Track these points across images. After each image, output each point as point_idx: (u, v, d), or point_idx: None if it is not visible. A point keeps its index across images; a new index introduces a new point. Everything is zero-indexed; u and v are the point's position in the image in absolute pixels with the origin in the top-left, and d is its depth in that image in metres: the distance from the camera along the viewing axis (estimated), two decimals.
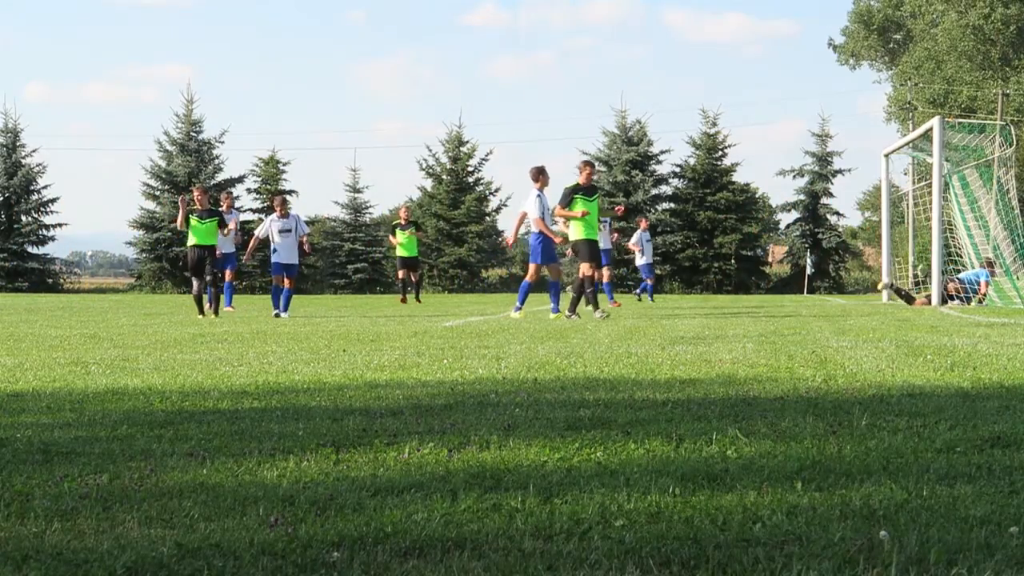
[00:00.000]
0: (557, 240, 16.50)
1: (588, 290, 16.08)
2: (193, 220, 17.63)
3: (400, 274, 25.90)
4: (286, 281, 18.56)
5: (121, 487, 3.74)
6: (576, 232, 16.15)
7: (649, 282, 29.40)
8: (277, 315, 18.07)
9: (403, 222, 25.59)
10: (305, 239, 19.05)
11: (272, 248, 18.85)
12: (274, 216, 19.06)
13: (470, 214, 49.58)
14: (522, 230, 19.30)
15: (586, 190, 16.03)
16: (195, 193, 18.11)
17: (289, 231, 18.76)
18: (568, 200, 15.91)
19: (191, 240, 17.73)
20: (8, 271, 47.02)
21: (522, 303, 17.02)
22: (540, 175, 16.46)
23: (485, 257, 50.88)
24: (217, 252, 18.00)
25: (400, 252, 25.60)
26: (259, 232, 19.48)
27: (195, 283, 17.79)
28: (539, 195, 16.28)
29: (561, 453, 4.30)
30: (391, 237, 25.90)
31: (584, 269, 16.10)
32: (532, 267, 16.84)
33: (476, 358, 8.74)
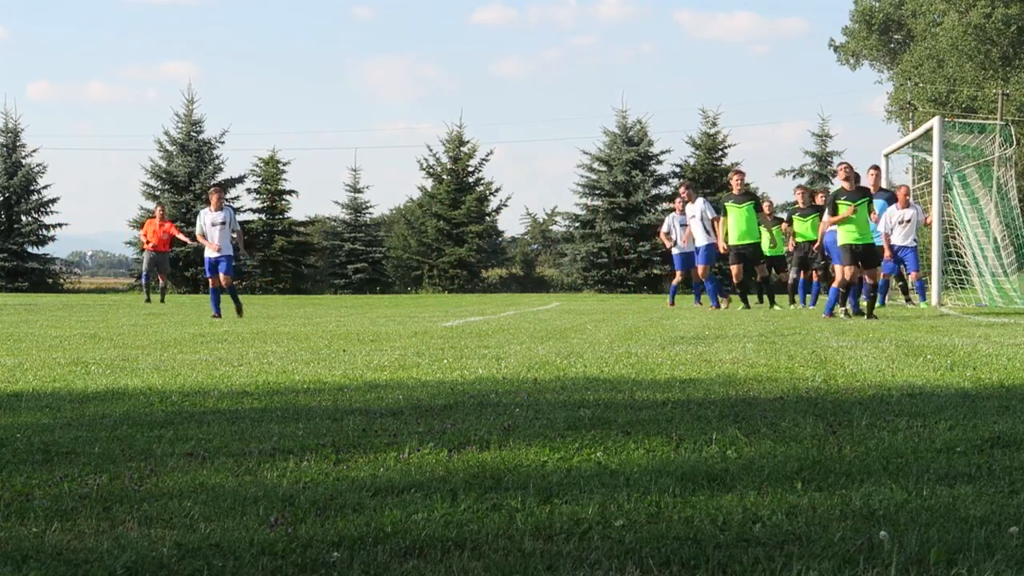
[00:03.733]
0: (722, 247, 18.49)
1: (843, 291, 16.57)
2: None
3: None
4: (221, 278, 17.58)
5: (121, 487, 3.74)
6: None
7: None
8: (215, 317, 17.14)
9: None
10: (236, 234, 17.93)
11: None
12: (208, 209, 18.06)
13: (470, 214, 49.55)
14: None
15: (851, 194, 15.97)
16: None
17: (223, 224, 17.73)
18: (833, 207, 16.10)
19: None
20: (8, 271, 47.00)
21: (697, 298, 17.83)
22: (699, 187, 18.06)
23: (485, 257, 50.87)
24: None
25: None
26: (197, 231, 18.22)
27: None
28: (708, 202, 17.74)
29: (561, 453, 4.30)
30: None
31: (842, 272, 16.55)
32: (701, 268, 18.42)
33: (476, 358, 8.74)
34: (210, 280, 17.81)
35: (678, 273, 22.98)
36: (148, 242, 26.14)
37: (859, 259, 15.50)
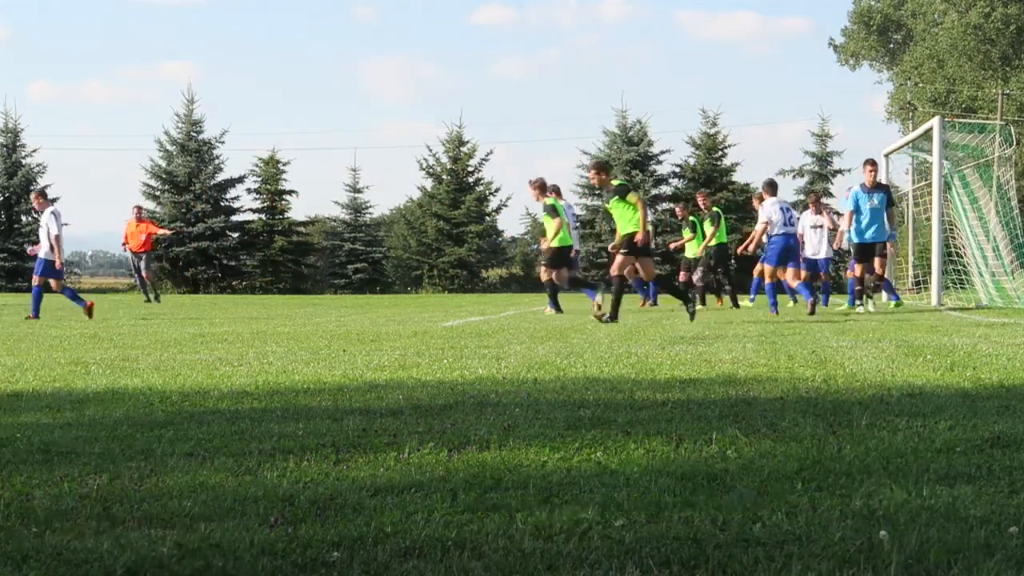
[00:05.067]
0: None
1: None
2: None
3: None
4: (50, 282, 17.29)
5: (121, 487, 3.74)
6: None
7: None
8: (28, 318, 16.65)
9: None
10: (53, 239, 17.10)
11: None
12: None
13: (470, 214, 49.56)
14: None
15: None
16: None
17: (44, 226, 17.24)
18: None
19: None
20: (8, 271, 47.04)
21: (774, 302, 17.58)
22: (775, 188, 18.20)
23: (485, 257, 50.88)
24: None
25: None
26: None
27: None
28: (779, 204, 17.76)
29: (561, 453, 4.30)
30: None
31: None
32: (769, 268, 17.84)
33: (476, 358, 8.74)
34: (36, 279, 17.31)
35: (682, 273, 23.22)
36: (125, 243, 26.14)
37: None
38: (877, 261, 17.40)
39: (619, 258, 14.86)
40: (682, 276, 22.23)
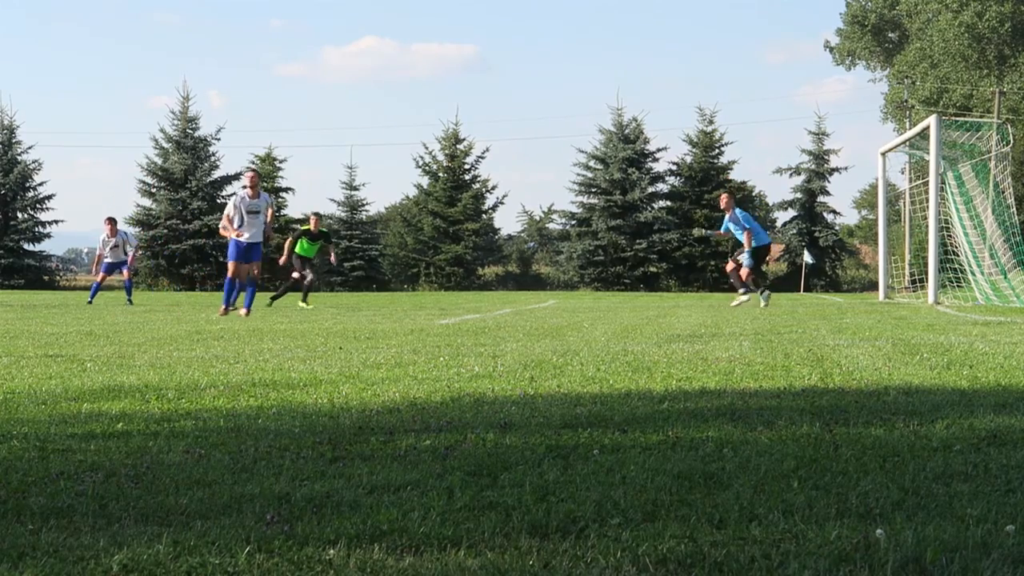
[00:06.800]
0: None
1: None
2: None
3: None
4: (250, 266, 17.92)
5: (117, 484, 3.73)
6: None
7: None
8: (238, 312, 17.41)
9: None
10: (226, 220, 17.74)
11: None
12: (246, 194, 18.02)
13: (467, 212, 49.58)
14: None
15: None
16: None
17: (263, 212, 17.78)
18: None
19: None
20: (4, 268, 46.99)
21: None
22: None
23: (482, 255, 50.89)
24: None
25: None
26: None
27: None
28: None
29: (557, 451, 4.30)
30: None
31: None
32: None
33: (472, 356, 8.74)
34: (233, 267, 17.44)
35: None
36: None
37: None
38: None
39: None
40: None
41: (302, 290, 22.77)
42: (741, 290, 20.24)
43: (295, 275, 23.03)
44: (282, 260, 23.12)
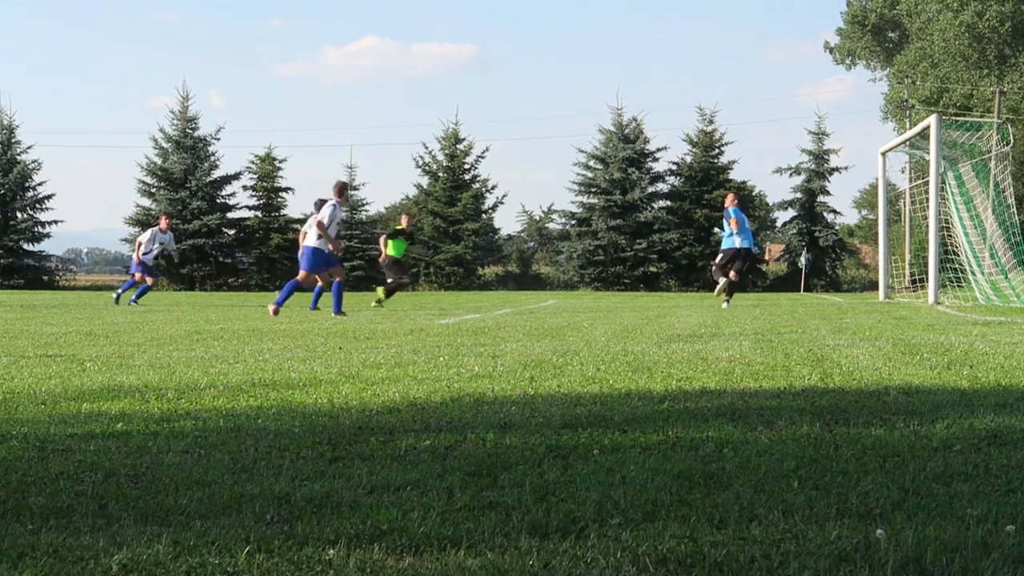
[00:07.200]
0: None
1: None
2: None
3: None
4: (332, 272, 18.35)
5: (117, 484, 3.73)
6: None
7: None
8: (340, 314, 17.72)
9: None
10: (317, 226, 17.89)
11: None
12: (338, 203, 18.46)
13: (467, 211, 49.57)
14: None
15: None
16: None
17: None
18: None
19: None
20: (4, 268, 46.98)
21: None
22: None
23: (482, 255, 50.89)
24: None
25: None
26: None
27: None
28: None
29: (557, 451, 4.30)
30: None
31: None
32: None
33: (472, 356, 8.74)
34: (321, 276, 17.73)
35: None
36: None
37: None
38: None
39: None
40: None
41: (391, 289, 22.66)
42: (721, 280, 20.78)
43: (394, 279, 22.69)
44: (383, 259, 22.88)
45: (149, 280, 24.17)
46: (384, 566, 2.79)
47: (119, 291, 24.61)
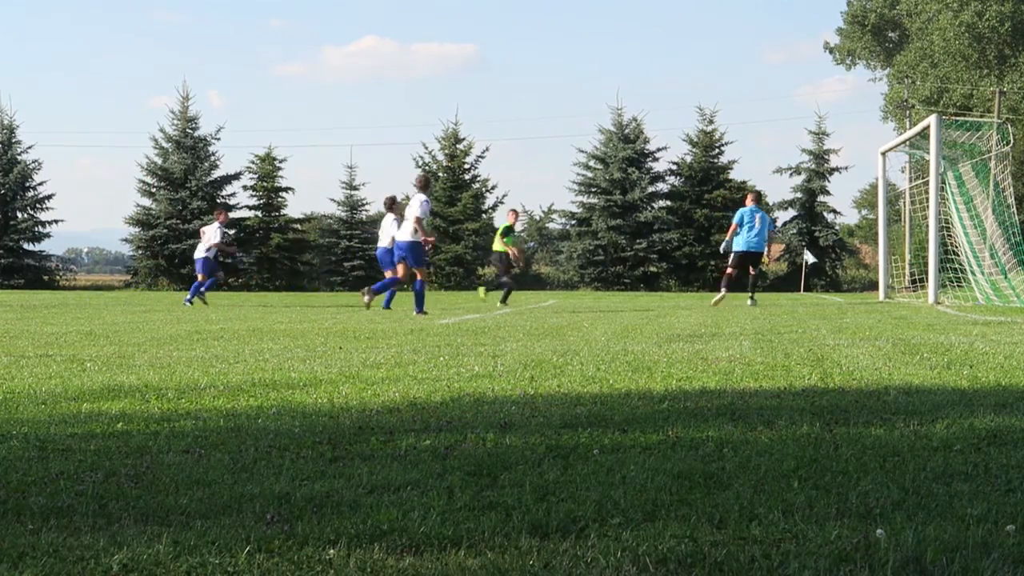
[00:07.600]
0: None
1: None
2: None
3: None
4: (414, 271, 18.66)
5: (117, 484, 3.73)
6: None
7: None
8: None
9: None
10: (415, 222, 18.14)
11: None
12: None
13: (467, 212, 49.56)
14: None
15: None
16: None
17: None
18: None
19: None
20: (4, 268, 46.98)
21: None
22: None
23: (482, 255, 50.87)
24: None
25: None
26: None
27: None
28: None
29: (557, 451, 4.30)
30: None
31: None
32: None
33: (472, 356, 8.74)
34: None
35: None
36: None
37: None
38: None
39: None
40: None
41: (506, 293, 22.62)
42: (723, 290, 21.58)
43: (507, 281, 22.58)
44: (497, 257, 22.85)
45: (199, 276, 23.27)
46: (384, 566, 2.79)
47: (192, 296, 23.11)
